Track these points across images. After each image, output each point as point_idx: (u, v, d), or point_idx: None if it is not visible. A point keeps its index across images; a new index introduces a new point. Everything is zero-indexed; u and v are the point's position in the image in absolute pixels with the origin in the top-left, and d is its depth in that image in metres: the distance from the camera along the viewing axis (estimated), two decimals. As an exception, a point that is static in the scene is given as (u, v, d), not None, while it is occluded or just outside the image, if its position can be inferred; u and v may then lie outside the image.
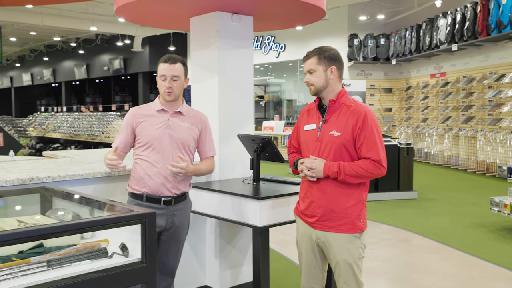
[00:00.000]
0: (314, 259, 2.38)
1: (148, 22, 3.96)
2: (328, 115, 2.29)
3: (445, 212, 6.41)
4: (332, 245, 2.27)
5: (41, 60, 25.22)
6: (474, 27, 9.88)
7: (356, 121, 2.21)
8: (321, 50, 2.30)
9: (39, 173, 2.85)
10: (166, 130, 2.61)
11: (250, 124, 3.53)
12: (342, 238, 2.26)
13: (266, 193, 2.80)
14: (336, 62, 2.29)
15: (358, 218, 2.27)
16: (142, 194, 2.60)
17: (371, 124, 2.21)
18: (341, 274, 2.28)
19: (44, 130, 16.22)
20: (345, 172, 2.18)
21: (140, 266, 1.84)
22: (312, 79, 2.29)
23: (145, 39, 18.62)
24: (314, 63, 2.28)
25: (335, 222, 2.25)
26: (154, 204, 2.60)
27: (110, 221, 1.85)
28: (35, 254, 1.78)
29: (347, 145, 2.22)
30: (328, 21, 12.44)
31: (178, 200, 2.67)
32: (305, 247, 2.39)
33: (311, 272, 2.40)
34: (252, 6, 3.26)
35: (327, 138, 2.25)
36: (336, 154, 2.23)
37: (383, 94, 13.88)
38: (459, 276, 3.98)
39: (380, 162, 2.20)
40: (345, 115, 2.24)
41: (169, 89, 2.59)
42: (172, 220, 2.64)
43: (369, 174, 2.20)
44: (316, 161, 2.24)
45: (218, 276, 3.40)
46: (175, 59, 2.61)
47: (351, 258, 2.26)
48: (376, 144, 2.20)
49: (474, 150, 10.17)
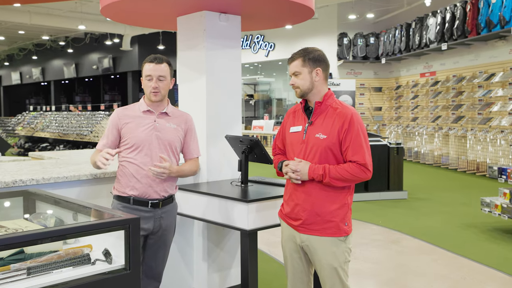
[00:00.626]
0: (300, 263, 2.35)
1: (134, 22, 3.90)
2: (314, 117, 2.25)
3: (436, 212, 6.42)
4: (317, 249, 2.24)
5: (30, 59, 24.97)
6: (464, 26, 9.92)
7: (342, 123, 2.18)
8: (306, 51, 2.26)
9: (23, 176, 2.79)
10: (153, 131, 2.57)
11: (238, 125, 3.49)
12: (326, 242, 2.23)
13: (254, 195, 2.76)
14: (321, 63, 2.26)
15: (343, 221, 2.24)
16: (129, 197, 2.56)
17: (357, 127, 2.18)
18: (326, 278, 2.25)
19: (32, 129, 16.03)
20: (330, 175, 2.16)
21: (124, 273, 1.80)
22: (298, 81, 2.26)
23: (134, 38, 18.51)
24: (299, 65, 2.25)
25: (319, 226, 2.22)
26: (141, 207, 2.56)
27: (92, 227, 1.80)
28: (15, 261, 1.73)
29: (332, 148, 2.19)
30: (317, 20, 12.44)
31: (165, 202, 2.63)
32: (290, 250, 2.36)
33: (297, 275, 2.37)
34: (239, 6, 3.22)
35: (312, 140, 2.22)
36: (321, 157, 2.20)
37: (373, 93, 13.91)
38: (449, 277, 3.97)
39: (365, 165, 2.17)
40: (331, 118, 2.21)
41: (156, 89, 2.55)
42: (159, 223, 2.61)
43: (355, 177, 2.17)
44: (301, 163, 2.21)
45: (206, 279, 3.36)
46: (161, 59, 2.57)
47: (336, 262, 2.23)
48: (362, 148, 2.17)
49: (464, 150, 10.23)
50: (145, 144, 2.54)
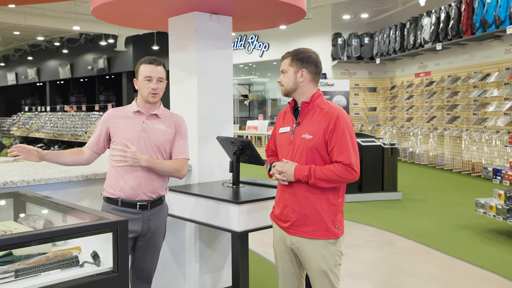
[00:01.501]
0: (291, 265, 2.34)
1: (125, 23, 3.90)
2: (301, 118, 2.25)
3: (430, 213, 6.43)
4: (307, 252, 2.23)
5: (25, 59, 24.89)
6: (459, 26, 9.95)
7: (328, 123, 2.16)
8: (296, 51, 2.27)
9: (14, 177, 2.78)
10: (141, 133, 2.56)
11: (229, 126, 3.49)
12: (316, 245, 2.21)
13: (245, 197, 2.76)
14: (308, 65, 2.24)
15: (333, 224, 2.21)
16: (117, 198, 2.54)
17: (343, 126, 2.16)
18: (317, 282, 2.24)
19: (27, 130, 15.98)
20: (315, 176, 2.14)
21: (112, 275, 1.79)
22: (283, 80, 2.28)
23: (128, 39, 18.47)
24: (286, 64, 2.27)
25: (309, 228, 2.21)
26: (130, 208, 2.54)
27: (80, 229, 1.79)
28: (3, 263, 1.72)
29: (319, 148, 2.17)
30: (311, 20, 12.45)
31: (154, 204, 2.61)
32: (281, 252, 2.35)
33: (288, 278, 2.36)
34: (230, 7, 3.22)
35: (299, 141, 2.21)
36: (308, 157, 2.19)
37: (368, 94, 13.94)
38: (443, 279, 3.97)
39: (351, 166, 2.14)
40: (318, 118, 2.20)
41: (155, 91, 2.55)
42: (148, 225, 2.59)
43: (340, 178, 2.14)
44: (287, 164, 2.21)
45: (198, 281, 3.35)
46: (159, 61, 2.58)
47: (326, 265, 2.21)
48: (348, 148, 2.15)
49: (459, 150, 10.26)
50: (132, 144, 2.52)
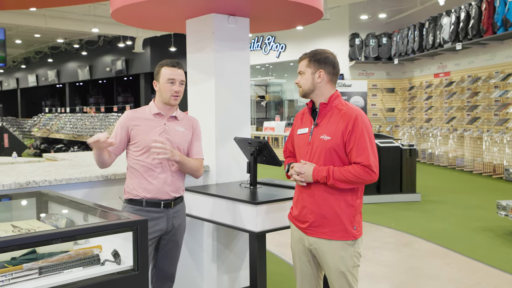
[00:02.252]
0: (309, 266, 2.34)
1: (144, 25, 3.94)
2: (320, 119, 2.24)
3: (449, 215, 6.34)
4: (325, 253, 2.22)
5: (45, 61, 25.39)
6: (479, 25, 9.79)
7: (346, 124, 2.15)
8: (314, 53, 2.27)
9: (36, 177, 2.84)
10: (163, 135, 2.60)
11: (247, 127, 3.50)
12: (334, 246, 2.20)
13: (262, 197, 2.77)
14: (326, 66, 2.24)
15: (352, 225, 2.20)
16: (142, 199, 2.58)
17: (361, 127, 2.15)
18: (335, 282, 2.23)
19: (48, 130, 16.28)
20: (333, 177, 2.13)
21: (132, 274, 1.82)
22: (301, 80, 2.28)
23: (146, 40, 18.67)
24: (304, 65, 2.27)
25: (327, 229, 2.20)
26: (154, 208, 2.58)
27: (101, 228, 1.82)
28: (27, 261, 1.76)
29: (337, 149, 2.17)
30: (329, 20, 12.40)
31: (176, 202, 2.67)
32: (299, 253, 2.35)
33: (305, 278, 2.36)
34: (247, 8, 3.23)
35: (317, 142, 2.21)
36: (326, 158, 2.18)
37: (385, 94, 13.81)
38: (463, 282, 3.91)
39: (370, 167, 2.13)
40: (336, 119, 2.19)
41: (177, 94, 2.60)
42: (172, 222, 2.64)
43: (359, 179, 2.13)
44: (305, 165, 2.21)
45: (215, 281, 3.37)
46: (181, 65, 2.63)
47: (344, 266, 2.20)
48: (366, 149, 2.14)
49: (480, 151, 10.08)
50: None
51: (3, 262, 1.75)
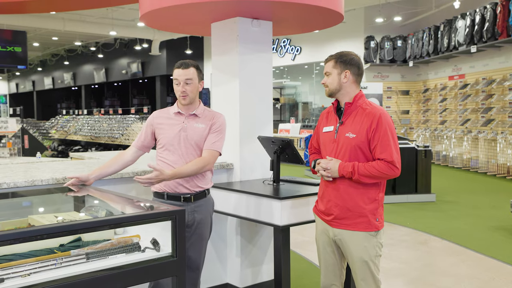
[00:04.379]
0: (333, 256, 2.47)
1: (170, 28, 4.10)
2: (345, 118, 2.37)
3: (464, 215, 6.40)
4: (349, 243, 2.36)
5: (61, 64, 25.80)
6: (494, 28, 9.81)
7: (370, 123, 2.29)
8: (340, 54, 2.40)
9: (71, 173, 2.99)
10: (181, 132, 2.73)
11: (269, 126, 3.63)
12: (358, 236, 2.33)
13: (286, 193, 2.89)
14: (351, 66, 2.37)
15: (374, 217, 2.34)
16: (163, 192, 2.73)
17: (385, 126, 2.28)
18: (358, 271, 2.37)
19: (65, 132, 16.58)
20: (359, 172, 2.27)
21: (171, 260, 1.96)
22: (327, 81, 2.41)
23: (162, 43, 18.90)
24: (330, 66, 2.40)
25: (351, 221, 2.34)
26: (175, 201, 2.69)
27: (144, 217, 1.97)
28: (74, 248, 1.91)
29: (361, 146, 2.30)
30: (344, 23, 12.43)
31: (198, 197, 2.75)
32: (323, 244, 2.48)
33: (329, 269, 2.49)
34: (271, 12, 3.36)
35: (343, 139, 2.34)
36: (351, 155, 2.32)
37: (400, 96, 13.84)
38: (478, 278, 4.00)
39: (393, 163, 2.27)
40: (361, 118, 2.33)
41: (184, 93, 2.71)
42: (193, 216, 2.74)
43: (383, 174, 2.27)
44: (331, 161, 2.34)
45: (239, 274, 3.50)
46: (187, 64, 2.72)
47: (367, 255, 2.34)
48: (390, 146, 2.27)
49: (494, 153, 10.07)
50: (173, 144, 2.71)
51: (52, 248, 1.90)
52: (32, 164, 3.76)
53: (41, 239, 1.76)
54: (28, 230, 1.78)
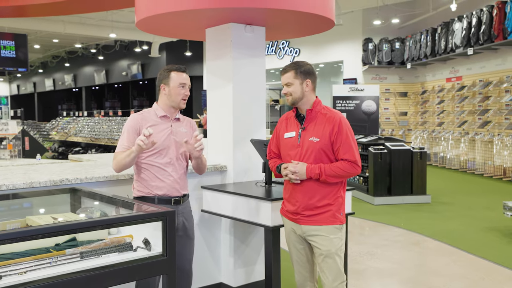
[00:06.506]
0: (303, 252, 2.63)
1: (166, 33, 4.19)
2: (306, 123, 2.55)
3: (458, 216, 6.47)
4: (318, 237, 2.52)
5: (62, 66, 25.93)
6: (490, 30, 9.90)
7: (332, 127, 2.48)
8: (297, 65, 2.57)
9: (68, 175, 3.08)
10: (171, 136, 2.80)
11: (262, 129, 3.71)
12: (325, 230, 2.51)
13: (277, 195, 2.98)
14: (311, 75, 2.56)
15: (338, 211, 2.55)
16: (154, 196, 2.75)
17: (345, 129, 2.49)
18: (326, 265, 2.51)
19: (66, 134, 16.68)
20: (325, 173, 2.46)
21: (162, 258, 2.05)
22: (290, 91, 2.55)
23: (162, 45, 19.01)
24: (291, 77, 2.55)
25: (317, 217, 2.52)
26: (165, 205, 2.74)
27: (135, 218, 2.06)
28: (69, 247, 1.99)
29: (325, 149, 2.49)
30: (342, 25, 12.58)
31: (185, 199, 2.86)
32: (293, 243, 2.64)
33: (302, 266, 2.65)
34: (264, 18, 3.45)
35: (307, 144, 2.51)
36: (316, 157, 2.50)
37: (398, 98, 13.93)
38: (468, 277, 4.08)
39: (356, 162, 2.49)
40: (322, 122, 2.51)
41: (186, 97, 2.81)
42: (182, 218, 2.83)
43: (347, 173, 2.49)
44: (298, 165, 2.50)
45: (232, 274, 3.58)
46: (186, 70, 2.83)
47: (334, 248, 2.51)
48: (351, 147, 2.49)
49: (490, 155, 10.15)
50: (165, 147, 2.76)
51: (48, 247, 1.98)
52: (31, 166, 3.85)
53: (38, 238, 1.85)
54: (25, 230, 1.87)
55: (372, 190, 7.29)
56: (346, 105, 9.30)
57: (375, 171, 7.24)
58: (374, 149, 7.31)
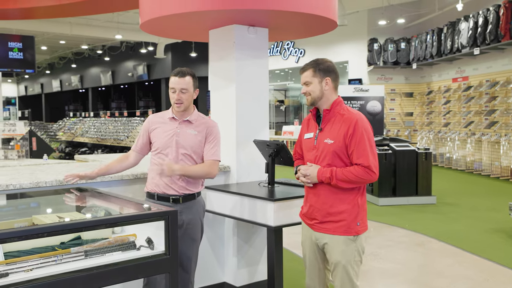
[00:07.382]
0: (316, 260, 2.53)
1: (169, 35, 4.23)
2: (323, 124, 2.43)
3: (463, 217, 6.45)
4: (329, 247, 2.42)
5: (69, 67, 26.12)
6: (497, 30, 9.84)
7: (347, 128, 2.33)
8: (317, 62, 2.44)
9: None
10: (173, 137, 2.84)
11: (265, 130, 3.74)
12: (337, 240, 2.38)
13: (280, 195, 3.00)
14: (331, 73, 2.42)
15: (355, 221, 2.38)
16: (154, 193, 2.86)
17: (361, 131, 2.32)
18: (337, 276, 2.41)
19: (72, 134, 16.80)
20: (336, 178, 2.32)
21: (164, 257, 2.08)
22: (308, 90, 2.44)
23: (167, 46, 19.10)
24: (309, 76, 2.42)
25: (331, 225, 2.39)
26: (164, 202, 2.80)
27: (138, 217, 2.09)
28: (74, 245, 2.03)
29: (339, 152, 2.35)
30: (347, 26, 12.57)
31: (187, 199, 2.86)
32: (308, 248, 2.55)
33: (314, 271, 2.56)
34: (266, 20, 3.48)
35: (322, 145, 2.39)
36: (330, 160, 2.36)
37: (404, 99, 13.89)
38: (472, 278, 4.07)
39: (370, 168, 2.31)
40: (339, 123, 2.37)
41: (178, 101, 2.82)
42: (182, 217, 2.83)
43: (360, 179, 2.32)
44: (311, 168, 2.40)
45: (235, 274, 3.61)
46: (184, 73, 2.82)
47: (345, 260, 2.37)
48: (366, 151, 2.32)
49: (497, 155, 10.10)
50: (165, 147, 2.83)
51: (53, 245, 2.02)
52: (38, 167, 3.90)
53: (43, 237, 1.89)
54: (31, 228, 1.92)
55: (376, 190, 7.29)
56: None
57: (380, 171, 7.21)
58: (379, 150, 7.31)
